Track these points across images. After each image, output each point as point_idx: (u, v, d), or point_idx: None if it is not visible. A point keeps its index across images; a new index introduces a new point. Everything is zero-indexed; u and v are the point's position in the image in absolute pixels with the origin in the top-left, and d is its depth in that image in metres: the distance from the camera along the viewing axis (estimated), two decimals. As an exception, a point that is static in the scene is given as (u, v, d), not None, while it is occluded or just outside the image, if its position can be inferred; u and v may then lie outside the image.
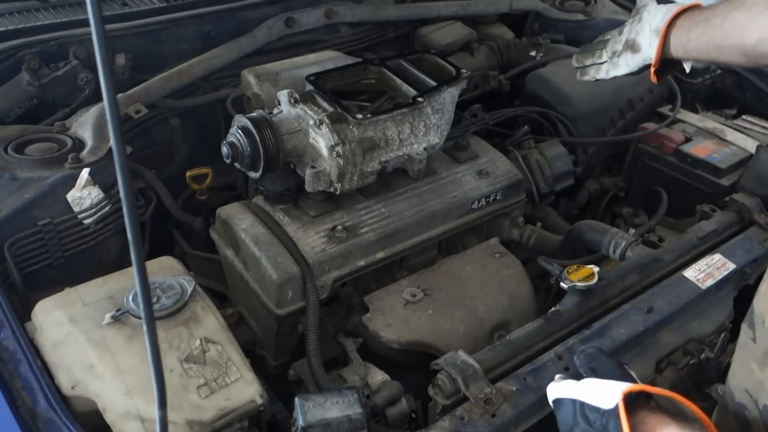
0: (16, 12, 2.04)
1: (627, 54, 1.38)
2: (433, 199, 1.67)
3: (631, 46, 1.37)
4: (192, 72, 1.93)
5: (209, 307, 1.34)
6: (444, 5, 2.38)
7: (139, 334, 1.25)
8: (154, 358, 0.77)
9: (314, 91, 1.60)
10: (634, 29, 1.37)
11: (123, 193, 0.68)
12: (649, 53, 1.32)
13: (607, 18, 2.47)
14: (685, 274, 1.57)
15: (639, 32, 1.35)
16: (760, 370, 1.02)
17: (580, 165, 2.08)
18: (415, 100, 1.60)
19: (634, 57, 1.37)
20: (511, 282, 1.66)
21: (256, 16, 2.14)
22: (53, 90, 1.85)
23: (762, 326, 1.02)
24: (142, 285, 0.73)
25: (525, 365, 1.33)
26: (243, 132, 1.50)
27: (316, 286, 1.47)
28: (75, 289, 1.35)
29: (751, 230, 1.74)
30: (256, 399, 1.21)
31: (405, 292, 1.59)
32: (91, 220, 1.53)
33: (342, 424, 1.13)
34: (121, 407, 1.16)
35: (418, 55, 1.81)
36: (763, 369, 1.01)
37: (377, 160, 1.58)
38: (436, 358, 1.31)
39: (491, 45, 2.36)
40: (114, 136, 0.66)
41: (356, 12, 2.24)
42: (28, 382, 1.17)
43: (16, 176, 1.53)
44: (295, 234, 1.53)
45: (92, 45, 0.63)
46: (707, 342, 1.51)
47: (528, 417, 1.26)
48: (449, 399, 1.26)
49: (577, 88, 2.10)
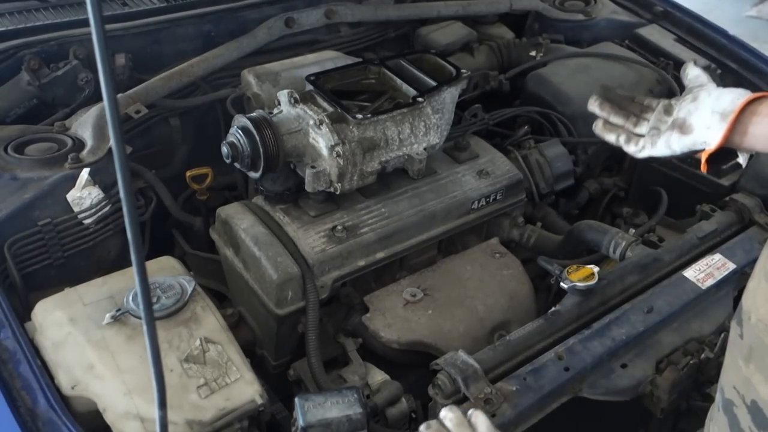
0: (16, 12, 2.04)
1: (673, 134, 1.21)
2: (433, 199, 1.67)
3: (681, 126, 1.21)
4: (192, 72, 1.93)
5: (209, 307, 1.34)
6: (444, 5, 2.38)
7: (139, 334, 1.25)
8: (154, 358, 0.77)
9: (314, 91, 1.60)
10: (687, 108, 1.21)
11: (123, 193, 0.68)
12: (705, 137, 1.17)
13: (607, 18, 2.47)
14: (685, 274, 1.57)
15: (693, 113, 1.20)
16: (746, 366, 1.02)
17: (580, 165, 2.08)
18: (415, 100, 1.60)
19: (681, 138, 1.21)
20: (511, 282, 1.66)
21: (256, 16, 2.14)
22: (53, 90, 1.85)
23: (748, 323, 1.02)
24: (142, 285, 0.73)
25: (525, 365, 1.33)
26: (243, 132, 1.50)
27: (316, 286, 1.47)
28: (75, 289, 1.35)
29: (751, 230, 1.74)
30: (256, 399, 1.21)
31: (405, 292, 1.59)
32: (91, 220, 1.53)
33: (342, 424, 1.13)
34: (121, 407, 1.16)
35: (418, 55, 1.81)
36: (749, 365, 1.02)
37: (377, 160, 1.58)
38: (436, 358, 1.31)
39: (491, 45, 2.36)
40: (114, 136, 0.66)
41: (356, 12, 2.24)
42: (28, 382, 1.17)
43: (16, 176, 1.53)
44: (295, 234, 1.53)
45: (92, 45, 0.63)
46: (707, 342, 1.50)
47: (528, 417, 1.26)
48: (449, 399, 1.26)
49: (577, 88, 2.10)
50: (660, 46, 2.34)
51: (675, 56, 2.30)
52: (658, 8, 2.51)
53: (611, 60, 2.23)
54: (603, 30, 2.45)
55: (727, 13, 5.48)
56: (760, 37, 4.95)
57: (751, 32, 4.94)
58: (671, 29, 2.43)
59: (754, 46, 2.36)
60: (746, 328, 1.03)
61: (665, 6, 2.51)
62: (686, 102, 1.23)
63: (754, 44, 2.38)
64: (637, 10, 2.54)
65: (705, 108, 1.19)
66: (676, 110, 1.24)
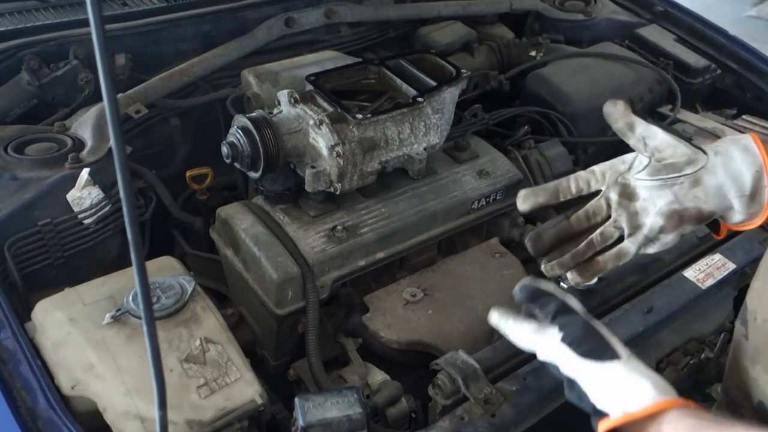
0: (16, 12, 2.04)
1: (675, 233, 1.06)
2: (433, 199, 1.67)
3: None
4: (192, 72, 1.93)
5: (209, 307, 1.34)
6: (444, 5, 2.38)
7: (139, 334, 1.25)
8: (154, 358, 0.77)
9: (314, 91, 1.60)
10: (691, 195, 1.03)
11: (123, 193, 0.68)
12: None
13: (607, 18, 2.48)
14: (685, 274, 1.57)
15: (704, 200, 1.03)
16: (752, 367, 1.02)
17: (580, 165, 2.08)
18: (415, 100, 1.60)
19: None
20: (511, 282, 1.65)
21: (256, 16, 2.14)
22: (53, 90, 1.85)
23: (754, 323, 1.02)
24: (142, 285, 0.73)
25: (525, 365, 1.33)
26: (243, 132, 1.50)
27: (316, 286, 1.47)
28: (75, 289, 1.35)
29: (751, 230, 1.74)
30: (256, 399, 1.21)
31: (405, 292, 1.59)
32: (91, 220, 1.53)
33: (342, 424, 1.13)
34: (121, 407, 1.16)
35: (418, 55, 1.81)
36: (755, 366, 1.01)
37: (377, 160, 1.58)
38: (436, 358, 1.31)
39: (491, 45, 2.36)
40: (114, 136, 0.66)
41: (356, 12, 2.24)
42: (28, 382, 1.17)
43: (16, 176, 1.53)
44: (295, 234, 1.53)
45: (92, 45, 0.63)
46: (707, 342, 1.51)
47: (528, 417, 1.26)
48: (449, 399, 1.26)
49: (577, 88, 2.10)
50: (660, 46, 2.35)
51: (675, 56, 2.30)
52: (658, 8, 2.51)
53: (611, 60, 2.23)
54: (603, 30, 2.45)
55: (727, 13, 5.47)
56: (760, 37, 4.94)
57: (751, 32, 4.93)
58: (671, 29, 2.44)
59: (754, 46, 2.37)
60: (752, 329, 1.03)
61: (665, 6, 2.51)
62: (684, 189, 1.03)
63: (754, 44, 2.38)
64: (637, 10, 2.54)
65: (715, 190, 1.02)
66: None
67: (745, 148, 1.01)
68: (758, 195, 1.00)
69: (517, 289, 1.05)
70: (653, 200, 1.03)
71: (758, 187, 1.00)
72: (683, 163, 1.02)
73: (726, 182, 1.01)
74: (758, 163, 1.00)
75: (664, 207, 1.02)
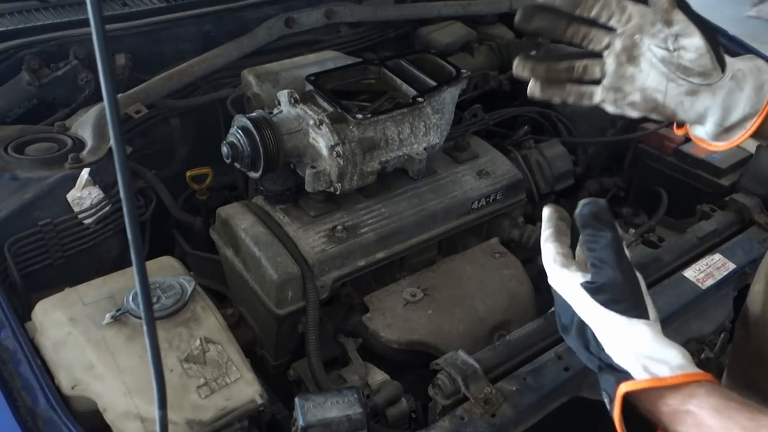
0: (16, 12, 2.04)
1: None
2: (433, 199, 1.67)
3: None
4: (192, 72, 1.93)
5: (209, 307, 1.34)
6: (444, 5, 2.37)
7: (139, 334, 1.25)
8: (154, 358, 0.77)
9: (314, 91, 1.60)
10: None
11: (123, 193, 0.68)
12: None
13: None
14: (685, 274, 1.57)
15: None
16: (752, 368, 1.02)
17: (580, 165, 2.08)
18: (415, 100, 1.60)
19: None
20: (511, 282, 1.66)
21: (256, 16, 2.14)
22: (53, 90, 1.85)
23: (755, 325, 1.02)
24: (142, 285, 0.73)
25: (525, 365, 1.33)
26: (243, 132, 1.50)
27: (316, 286, 1.47)
28: (75, 289, 1.35)
29: (751, 230, 1.74)
30: (256, 399, 1.21)
31: (405, 292, 1.59)
32: (91, 220, 1.53)
33: (342, 424, 1.13)
34: (121, 407, 1.16)
35: (418, 55, 1.81)
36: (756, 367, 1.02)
37: (377, 160, 1.58)
38: (436, 358, 1.31)
39: (491, 45, 2.36)
40: (114, 136, 0.66)
41: (356, 12, 2.24)
42: (28, 382, 1.17)
43: (16, 176, 1.53)
44: (295, 234, 1.53)
45: (92, 45, 0.63)
46: (707, 342, 1.50)
47: (528, 417, 1.26)
48: (449, 399, 1.26)
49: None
50: (660, 45, 2.34)
51: (675, 56, 2.29)
52: (658, 8, 2.51)
53: (611, 60, 2.23)
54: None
55: (727, 13, 5.48)
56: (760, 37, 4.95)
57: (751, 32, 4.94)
58: (671, 29, 2.43)
59: (754, 46, 2.36)
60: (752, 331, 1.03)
61: (665, 6, 2.50)
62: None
63: (754, 44, 2.38)
64: (638, 10, 2.53)
65: (703, 109, 1.02)
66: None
67: (761, 88, 0.99)
68: (733, 131, 0.99)
69: (583, 203, 0.99)
70: (646, 77, 1.01)
71: (739, 125, 0.99)
72: (695, 72, 1.00)
73: (715, 107, 1.00)
74: (759, 107, 0.98)
75: (649, 90, 1.01)
